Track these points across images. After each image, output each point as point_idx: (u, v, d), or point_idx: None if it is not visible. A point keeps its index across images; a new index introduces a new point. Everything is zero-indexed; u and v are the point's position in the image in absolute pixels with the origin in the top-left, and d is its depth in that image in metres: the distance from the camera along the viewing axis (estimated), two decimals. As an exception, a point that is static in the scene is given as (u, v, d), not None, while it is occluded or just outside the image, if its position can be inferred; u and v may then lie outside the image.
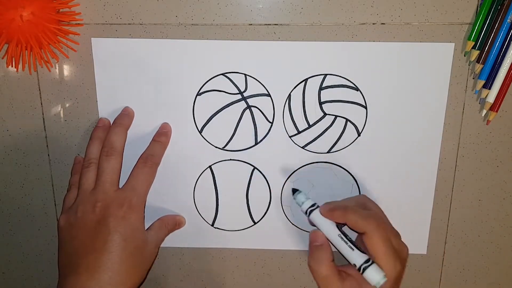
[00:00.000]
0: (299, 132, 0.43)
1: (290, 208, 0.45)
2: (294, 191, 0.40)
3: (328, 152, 0.44)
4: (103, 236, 0.37)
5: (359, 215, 0.36)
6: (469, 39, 0.40)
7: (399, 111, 0.42)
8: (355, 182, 0.45)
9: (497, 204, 0.45)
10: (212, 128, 0.43)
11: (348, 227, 0.37)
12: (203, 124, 0.43)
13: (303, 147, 0.44)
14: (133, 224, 0.38)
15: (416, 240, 0.46)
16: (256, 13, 0.40)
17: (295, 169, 0.44)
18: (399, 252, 0.36)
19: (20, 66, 0.40)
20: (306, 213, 0.39)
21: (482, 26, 0.39)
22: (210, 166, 0.44)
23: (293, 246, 0.46)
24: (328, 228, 0.37)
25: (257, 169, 0.44)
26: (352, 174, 0.44)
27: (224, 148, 0.44)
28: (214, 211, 0.45)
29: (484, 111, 0.42)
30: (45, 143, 0.44)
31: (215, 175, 0.44)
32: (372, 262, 0.35)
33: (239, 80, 0.42)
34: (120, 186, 0.40)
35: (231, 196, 0.45)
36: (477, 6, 0.39)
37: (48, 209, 0.46)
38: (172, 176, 0.44)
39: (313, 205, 0.38)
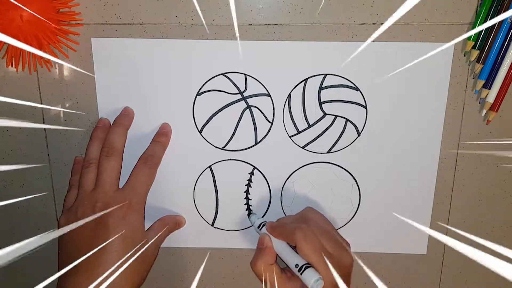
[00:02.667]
0: (299, 132, 0.43)
1: (290, 208, 0.45)
2: (249, 214, 0.45)
3: (328, 152, 0.44)
4: (102, 236, 0.37)
5: (288, 230, 0.38)
6: (469, 39, 0.40)
7: (399, 111, 0.42)
8: (355, 182, 0.45)
9: (497, 204, 0.45)
10: (212, 128, 0.43)
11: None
12: (203, 124, 0.43)
13: (303, 147, 0.44)
14: (133, 224, 0.38)
15: (416, 240, 0.46)
16: (256, 13, 0.40)
17: (295, 169, 0.44)
18: (338, 260, 0.37)
19: (20, 66, 0.40)
20: (259, 228, 0.42)
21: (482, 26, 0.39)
22: (210, 166, 0.44)
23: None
24: (276, 239, 0.40)
25: (257, 169, 0.44)
26: (352, 174, 0.44)
27: (224, 148, 0.44)
28: (214, 211, 0.45)
29: (484, 111, 0.42)
30: (45, 143, 0.44)
31: (215, 175, 0.44)
32: (310, 266, 0.37)
33: (239, 80, 0.42)
34: (120, 186, 0.40)
35: (231, 196, 0.45)
36: (477, 6, 0.39)
37: (48, 209, 0.46)
38: (172, 176, 0.44)
39: (263, 223, 0.42)
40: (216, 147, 0.44)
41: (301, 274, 0.36)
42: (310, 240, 0.37)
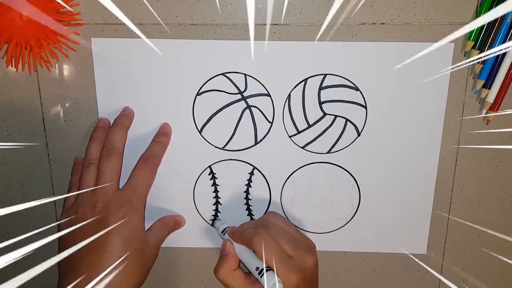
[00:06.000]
0: (299, 132, 0.43)
1: (290, 208, 0.45)
2: (214, 220, 0.45)
3: (328, 152, 0.44)
4: (103, 237, 0.37)
5: (247, 235, 0.39)
6: (469, 39, 0.40)
7: (399, 111, 0.42)
8: (355, 182, 0.45)
9: (497, 204, 0.45)
10: (212, 128, 0.43)
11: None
12: (203, 124, 0.43)
13: (303, 147, 0.44)
14: (133, 224, 0.38)
15: (416, 240, 0.46)
16: (256, 13, 0.40)
17: (295, 169, 0.44)
18: (300, 263, 0.38)
19: (20, 66, 0.40)
20: (223, 233, 0.43)
21: (482, 26, 0.39)
22: (210, 166, 0.44)
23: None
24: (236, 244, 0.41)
25: (257, 169, 0.44)
26: (352, 174, 0.44)
27: (224, 148, 0.44)
28: (214, 211, 0.45)
29: (484, 111, 0.42)
30: (45, 143, 0.44)
31: (215, 175, 0.44)
32: (270, 269, 0.37)
33: (239, 80, 0.42)
34: (121, 186, 0.40)
35: (231, 196, 0.45)
36: (477, 6, 0.39)
37: (48, 209, 0.46)
38: (172, 176, 0.44)
39: (227, 228, 0.43)
40: (216, 147, 0.44)
41: (260, 277, 0.37)
42: (268, 244, 0.37)
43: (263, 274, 0.37)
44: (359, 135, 0.43)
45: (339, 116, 0.43)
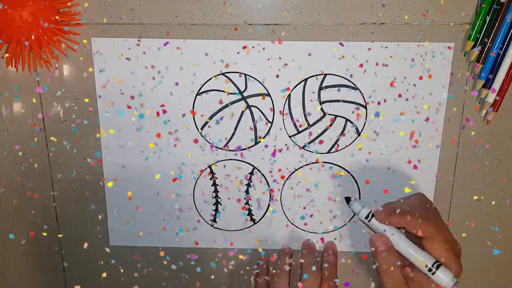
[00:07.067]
0: (299, 132, 0.43)
1: (290, 208, 0.45)
2: (348, 200, 0.40)
3: (328, 152, 0.44)
4: None
5: (418, 219, 0.35)
6: (469, 39, 0.40)
7: (399, 111, 0.42)
8: (355, 182, 0.45)
9: (497, 204, 0.45)
10: (212, 128, 0.43)
11: (407, 231, 0.36)
12: (203, 124, 0.43)
13: (303, 147, 0.44)
14: None
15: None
16: (256, 13, 0.40)
17: (295, 169, 0.44)
18: (456, 251, 0.35)
19: (20, 66, 0.40)
20: (367, 219, 0.38)
21: (482, 26, 0.39)
22: (210, 166, 0.44)
23: (293, 246, 0.46)
24: (391, 232, 0.36)
25: (257, 169, 0.44)
26: (352, 174, 0.44)
27: (224, 148, 0.44)
28: (214, 211, 0.45)
29: (484, 111, 0.42)
30: (45, 143, 0.44)
31: (215, 175, 0.44)
32: (440, 264, 0.34)
33: (239, 80, 0.42)
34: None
35: (231, 196, 0.45)
36: (477, 6, 0.40)
37: (48, 209, 0.46)
38: (172, 176, 0.44)
39: (370, 212, 0.38)
40: (216, 147, 0.44)
41: (433, 274, 0.34)
42: (441, 233, 0.34)
43: (436, 269, 0.34)
44: (359, 135, 0.43)
45: (339, 116, 0.43)
